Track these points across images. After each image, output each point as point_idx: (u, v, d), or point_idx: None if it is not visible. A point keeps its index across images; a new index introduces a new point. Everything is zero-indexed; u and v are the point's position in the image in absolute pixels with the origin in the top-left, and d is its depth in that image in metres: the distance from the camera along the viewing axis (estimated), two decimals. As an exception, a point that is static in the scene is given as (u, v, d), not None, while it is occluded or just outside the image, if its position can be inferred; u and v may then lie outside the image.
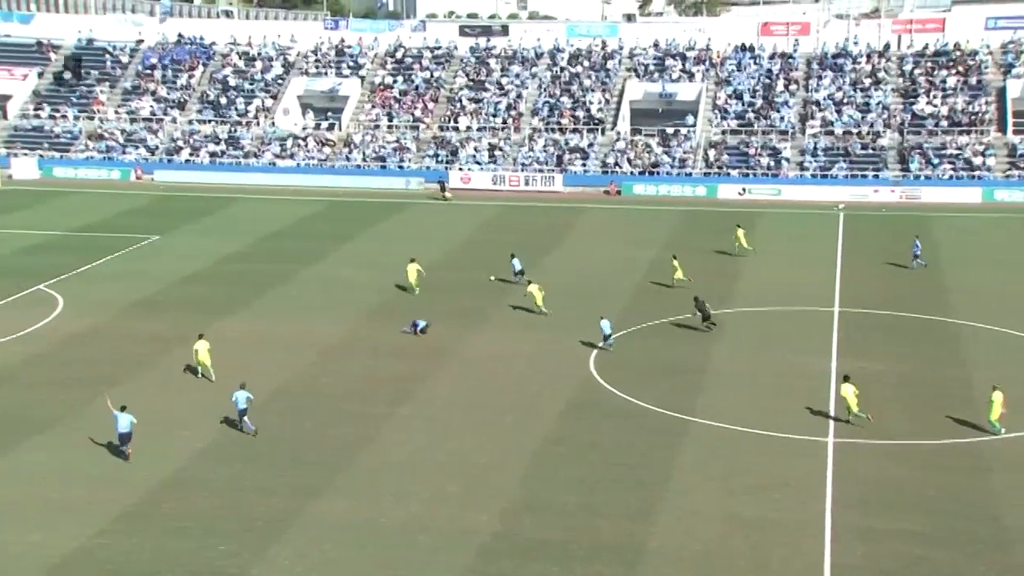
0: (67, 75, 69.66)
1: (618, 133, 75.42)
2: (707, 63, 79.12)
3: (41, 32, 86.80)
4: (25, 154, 77.38)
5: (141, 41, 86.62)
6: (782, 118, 74.66)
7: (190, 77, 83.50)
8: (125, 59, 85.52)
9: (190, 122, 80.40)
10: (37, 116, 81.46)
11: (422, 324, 41.58)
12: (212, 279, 49.98)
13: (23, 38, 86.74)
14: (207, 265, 52.41)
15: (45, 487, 29.52)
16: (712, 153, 72.87)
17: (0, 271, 50.44)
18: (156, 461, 30.80)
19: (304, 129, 79.22)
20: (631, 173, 72.44)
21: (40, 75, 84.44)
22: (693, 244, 55.04)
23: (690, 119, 75.36)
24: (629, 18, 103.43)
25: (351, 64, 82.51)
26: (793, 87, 77.01)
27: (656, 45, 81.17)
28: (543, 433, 32.64)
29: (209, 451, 31.61)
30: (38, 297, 46.75)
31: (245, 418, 32.61)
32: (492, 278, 48.31)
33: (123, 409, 31.15)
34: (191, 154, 77.65)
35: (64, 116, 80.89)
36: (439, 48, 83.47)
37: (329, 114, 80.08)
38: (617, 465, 30.59)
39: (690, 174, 71.96)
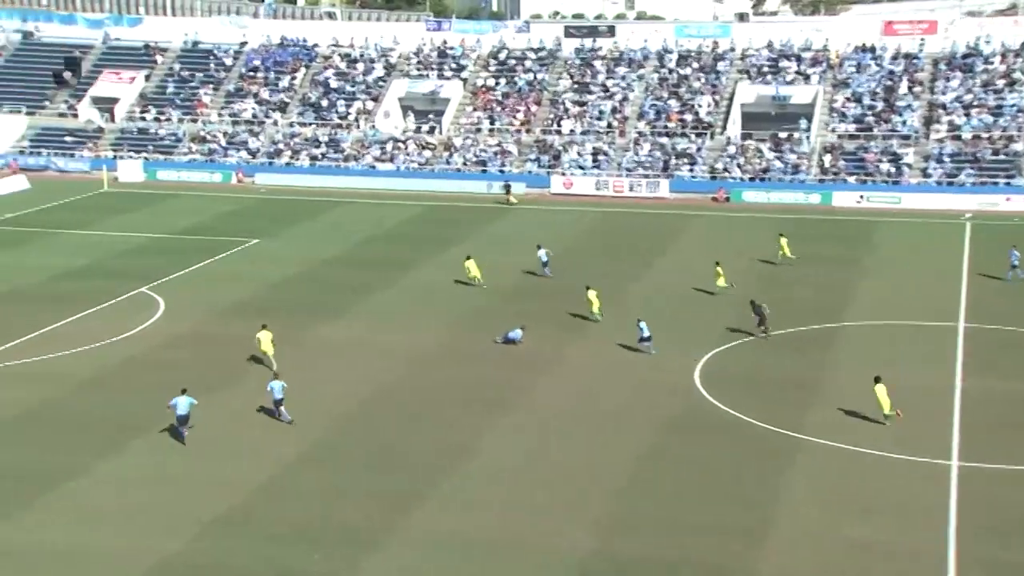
0: (67, 75, 71.67)
1: (728, 137, 74.49)
2: (824, 64, 77.65)
3: (149, 35, 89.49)
4: (131, 156, 79.82)
5: (244, 43, 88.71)
6: (904, 122, 72.83)
7: (292, 79, 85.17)
8: (229, 61, 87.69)
9: (291, 124, 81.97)
10: (143, 118, 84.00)
11: (516, 335, 41.39)
12: (310, 283, 50.72)
13: (132, 41, 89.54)
14: (305, 269, 53.24)
15: (142, 491, 30.24)
16: (827, 159, 71.44)
17: (105, 273, 52.05)
18: (252, 466, 31.34)
19: (404, 132, 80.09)
20: (741, 179, 71.46)
21: (147, 78, 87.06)
22: (806, 253, 53.98)
23: (804, 123, 74.04)
24: (741, 17, 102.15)
25: (453, 66, 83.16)
26: (917, 89, 75.08)
27: (770, 46, 79.98)
28: (644, 446, 32.45)
29: (305, 457, 32.03)
30: (140, 300, 48.08)
31: (282, 407, 33.66)
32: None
33: (183, 392, 32.63)
34: (291, 157, 79.14)
35: (168, 119, 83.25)
36: (543, 49, 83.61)
37: (430, 117, 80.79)
38: (722, 482, 30.10)
39: (804, 181, 70.67)
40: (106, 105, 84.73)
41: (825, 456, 31.67)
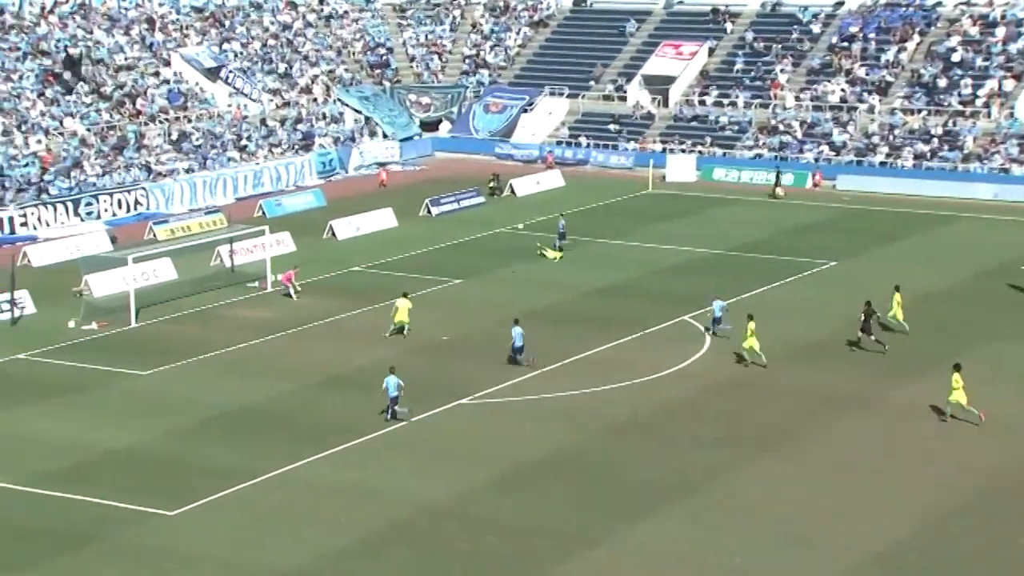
0: (67, 75, 74.26)
1: None
2: None
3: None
4: (682, 150, 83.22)
5: (841, 3, 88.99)
6: None
7: (900, 51, 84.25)
8: (817, 29, 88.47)
9: (892, 111, 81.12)
10: (701, 103, 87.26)
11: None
12: (912, 322, 49.88)
13: (697, 5, 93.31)
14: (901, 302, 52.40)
15: (675, 572, 31.32)
16: None
17: (645, 293, 54.55)
18: (828, 553, 31.32)
19: (1048, 124, 76.29)
20: None
21: (711, 52, 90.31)
22: None
23: None
24: None
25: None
26: None
27: None
28: (944, 499, 32.96)
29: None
30: (683, 329, 49.82)
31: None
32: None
33: (392, 371, 40.00)
34: (889, 155, 78.31)
35: (733, 103, 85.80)
36: None
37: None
38: None
39: None
40: (659, 86, 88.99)
41: None
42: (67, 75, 72.37)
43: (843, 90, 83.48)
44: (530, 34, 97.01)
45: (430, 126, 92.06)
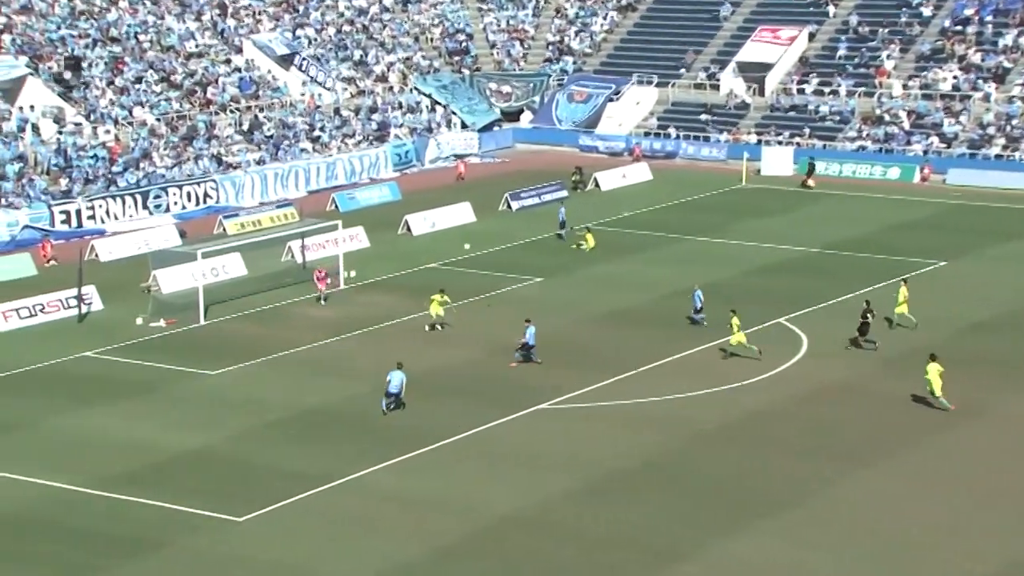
0: (67, 75, 73.93)
1: None
2: None
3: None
4: (779, 142, 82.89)
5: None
6: None
7: (1019, 35, 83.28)
8: (928, 11, 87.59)
9: (1010, 100, 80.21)
10: (800, 91, 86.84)
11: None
12: (1014, 330, 49.33)
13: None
14: (1008, 309, 51.89)
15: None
16: None
17: (738, 294, 54.39)
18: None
19: None
20: None
21: (811, 36, 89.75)
22: None
23: None
24: None
25: None
26: None
27: None
28: None
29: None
30: (777, 333, 49.70)
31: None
32: None
33: (399, 367, 41.43)
34: (1005, 147, 77.46)
35: (835, 91, 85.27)
36: None
37: None
38: None
39: None
40: (755, 74, 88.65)
41: None
42: (67, 75, 73.53)
43: (955, 77, 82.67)
44: (617, 19, 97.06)
45: (511, 116, 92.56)
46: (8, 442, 40.37)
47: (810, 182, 75.62)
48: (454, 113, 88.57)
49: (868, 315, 47.37)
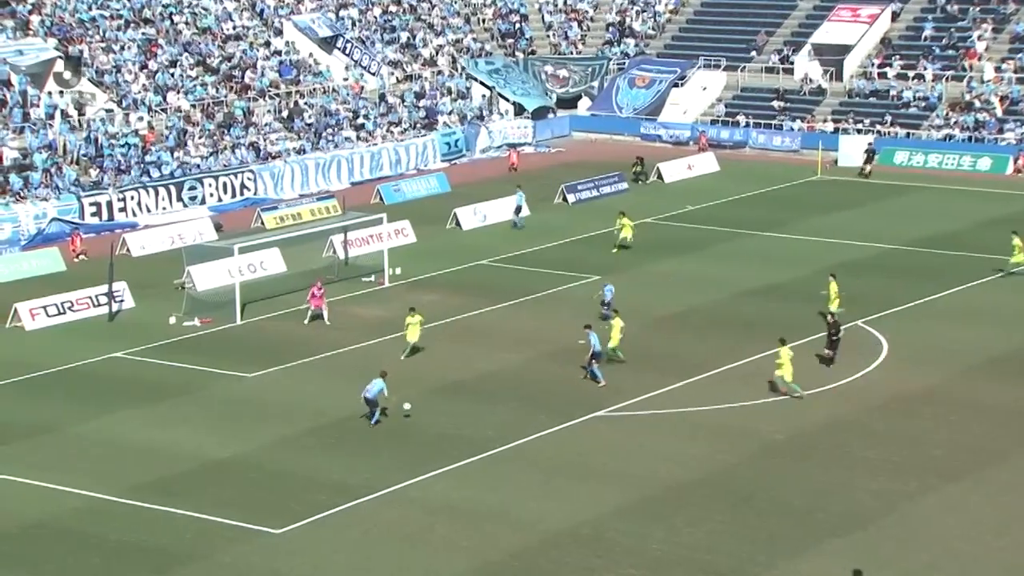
0: (67, 75, 73.55)
1: None
2: None
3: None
4: (858, 131, 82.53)
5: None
6: None
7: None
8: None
9: (1107, 86, 79.75)
10: (882, 75, 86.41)
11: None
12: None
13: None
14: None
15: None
16: None
17: (810, 295, 54.17)
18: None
19: None
20: None
21: (894, 16, 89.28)
22: None
23: None
24: None
25: None
26: None
27: None
28: None
29: None
30: (855, 337, 49.50)
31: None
32: None
33: (383, 376, 41.46)
34: (1100, 137, 77.03)
35: (919, 75, 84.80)
36: None
37: None
38: None
39: None
40: (832, 56, 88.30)
41: None
42: (67, 74, 74.20)
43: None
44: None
45: (567, 103, 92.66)
46: (34, 447, 40.96)
47: (868, 168, 75.77)
48: (505, 99, 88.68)
49: (835, 330, 47.08)
